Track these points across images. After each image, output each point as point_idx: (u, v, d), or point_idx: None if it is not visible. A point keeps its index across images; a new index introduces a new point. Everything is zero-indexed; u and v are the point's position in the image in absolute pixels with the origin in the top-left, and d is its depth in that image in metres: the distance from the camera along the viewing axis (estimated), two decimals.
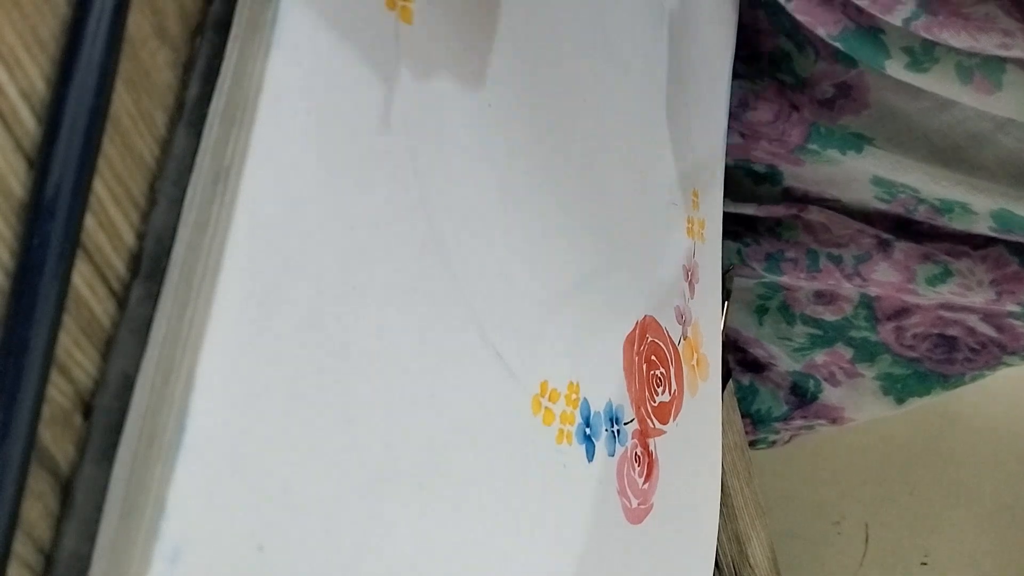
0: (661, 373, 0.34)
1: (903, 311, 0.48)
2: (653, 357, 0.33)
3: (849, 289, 0.48)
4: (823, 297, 0.50)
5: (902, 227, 0.46)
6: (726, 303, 0.44)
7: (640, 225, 0.33)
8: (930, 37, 0.37)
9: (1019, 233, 0.42)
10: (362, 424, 0.20)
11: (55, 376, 0.17)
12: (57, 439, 0.17)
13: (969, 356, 0.49)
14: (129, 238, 0.18)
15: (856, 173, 0.44)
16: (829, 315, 0.50)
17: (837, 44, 0.40)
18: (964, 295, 0.45)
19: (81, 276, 0.17)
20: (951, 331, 0.48)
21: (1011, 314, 0.46)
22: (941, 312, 0.48)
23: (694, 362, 0.36)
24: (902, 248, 0.45)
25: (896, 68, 0.39)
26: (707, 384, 0.37)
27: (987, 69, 0.37)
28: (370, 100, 0.21)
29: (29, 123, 0.16)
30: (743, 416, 0.54)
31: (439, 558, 0.22)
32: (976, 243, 0.44)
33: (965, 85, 0.38)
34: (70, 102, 0.16)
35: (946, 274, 0.44)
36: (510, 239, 0.26)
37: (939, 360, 0.49)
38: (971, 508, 0.70)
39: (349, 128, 0.20)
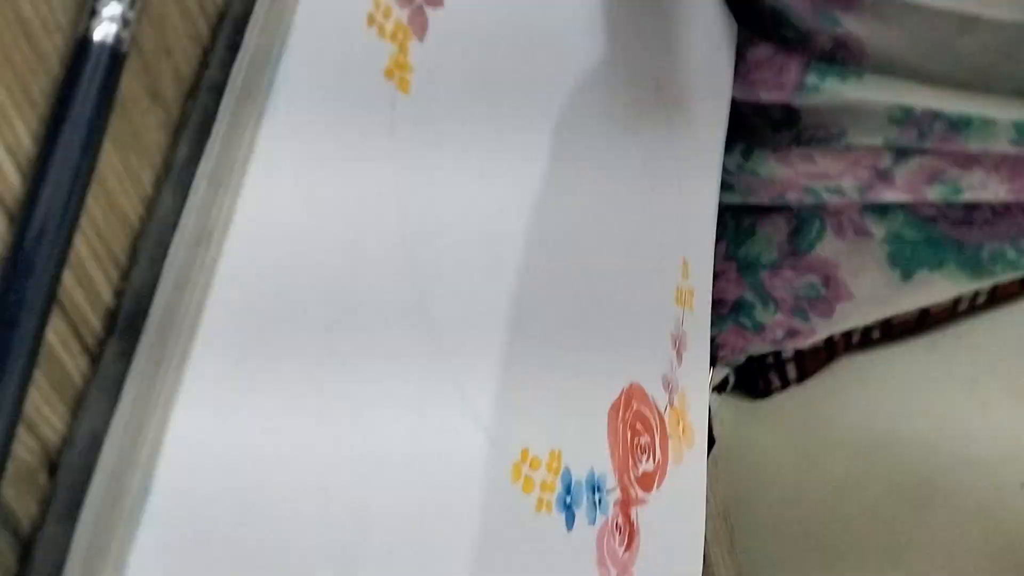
0: (646, 441, 0.34)
1: None
2: (638, 425, 0.33)
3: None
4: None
5: (903, 152, 0.42)
6: (712, 369, 0.43)
7: (628, 292, 0.33)
8: None
9: None
10: (335, 490, 0.20)
11: (23, 433, 0.16)
12: (20, 497, 0.17)
13: (989, 218, 0.43)
14: (107, 295, 0.18)
15: (866, 104, 0.41)
16: None
17: None
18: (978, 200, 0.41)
19: (56, 332, 0.17)
20: None
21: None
22: None
23: (680, 430, 0.36)
24: (903, 173, 0.41)
25: None
26: (692, 452, 0.37)
27: None
28: (361, 168, 0.21)
29: (13, 178, 0.16)
30: (728, 259, 0.49)
31: None
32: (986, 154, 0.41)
33: None
34: (56, 160, 0.16)
35: (956, 191, 0.41)
36: (493, 304, 0.26)
37: (956, 221, 0.44)
38: None
39: (338, 194, 0.20)
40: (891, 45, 0.39)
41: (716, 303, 0.45)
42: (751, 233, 0.49)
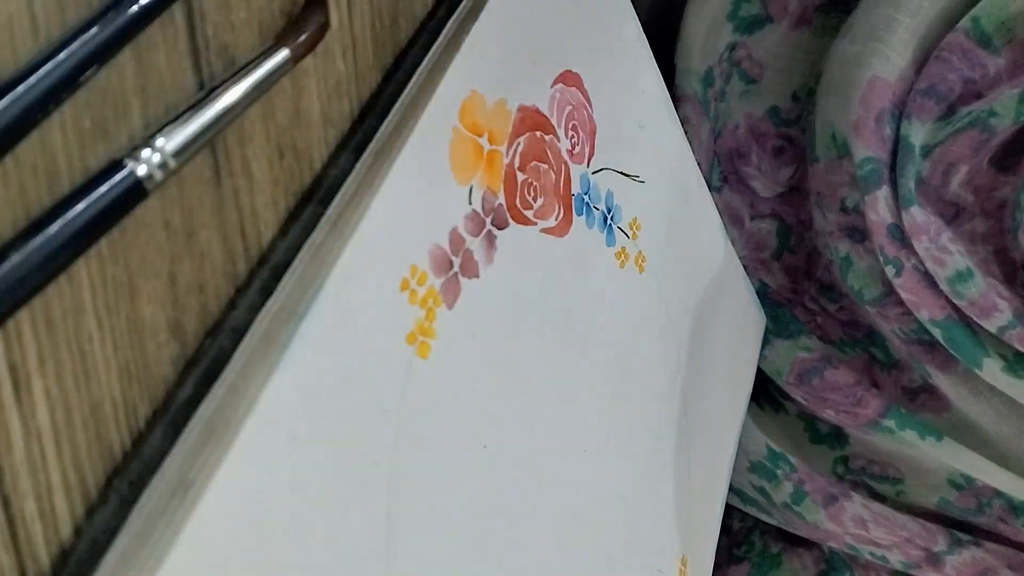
0: None
1: None
2: None
3: None
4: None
5: (960, 526, 0.41)
6: None
7: None
8: (1023, 348, 0.36)
9: None
10: None
11: None
12: None
13: None
14: (66, 532, 0.16)
15: (931, 461, 0.41)
16: None
17: (938, 330, 0.38)
18: None
19: None
20: None
21: None
22: None
23: None
24: (954, 563, 0.40)
25: (992, 368, 0.37)
26: None
27: None
28: (364, 431, 0.20)
29: None
30: None
31: None
32: None
33: None
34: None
35: None
36: None
37: None
38: None
39: (334, 456, 0.20)
40: (975, 414, 0.39)
41: None
42: (778, 563, 0.49)
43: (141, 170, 0.16)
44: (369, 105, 0.23)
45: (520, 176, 0.26)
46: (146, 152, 0.16)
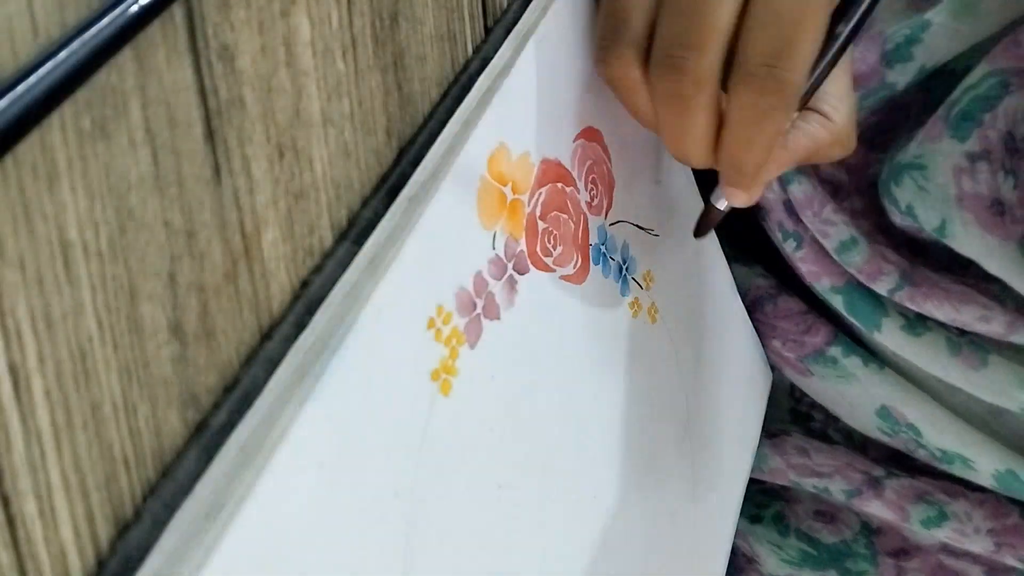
0: None
1: (903, 551, 0.44)
2: None
3: (849, 515, 0.44)
4: (823, 516, 0.45)
5: (897, 459, 0.43)
6: None
7: None
8: (914, 307, 0.38)
9: (1022, 496, 0.39)
10: None
11: None
12: None
13: None
14: (66, 533, 0.16)
15: (864, 399, 0.42)
16: (827, 535, 0.45)
17: (838, 297, 0.40)
18: (960, 541, 0.41)
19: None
20: None
21: (1015, 571, 0.41)
22: (942, 558, 0.43)
23: None
24: (894, 487, 0.42)
25: (891, 328, 0.39)
26: None
27: (974, 347, 0.38)
28: (387, 463, 0.21)
29: None
30: None
31: None
32: (972, 486, 0.41)
33: (953, 356, 0.38)
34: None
35: (941, 517, 0.41)
36: None
37: None
38: None
39: (357, 488, 0.20)
40: (913, 359, 0.41)
41: None
42: None
43: None
44: (403, 150, 0.25)
45: (541, 225, 0.27)
46: None
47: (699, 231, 0.33)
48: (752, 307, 0.44)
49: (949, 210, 0.36)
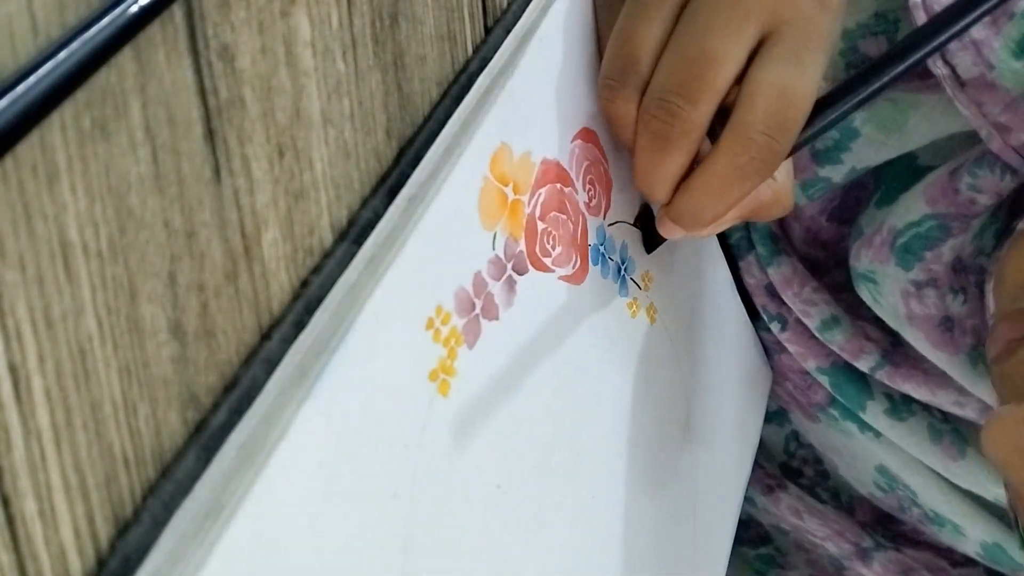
0: None
1: None
2: None
3: None
4: None
5: (885, 524, 0.44)
6: None
7: None
8: (893, 386, 0.39)
9: (1006, 569, 0.40)
10: None
11: None
12: None
13: None
14: (66, 533, 0.16)
15: (865, 454, 0.43)
16: None
17: (825, 377, 0.41)
18: None
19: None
20: None
21: None
22: None
23: None
24: (881, 560, 0.43)
25: (875, 411, 0.40)
26: None
27: (955, 436, 0.39)
28: (386, 463, 0.21)
29: None
30: None
31: None
32: (956, 559, 0.42)
33: (934, 445, 0.39)
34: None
35: None
36: None
37: None
38: None
39: (356, 488, 0.20)
40: (899, 442, 0.41)
41: None
42: None
43: None
44: (403, 150, 0.25)
45: (540, 225, 0.27)
46: None
47: (652, 244, 0.33)
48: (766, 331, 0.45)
49: (901, 325, 0.37)
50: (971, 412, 0.38)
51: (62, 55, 0.15)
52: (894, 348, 0.39)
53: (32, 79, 0.15)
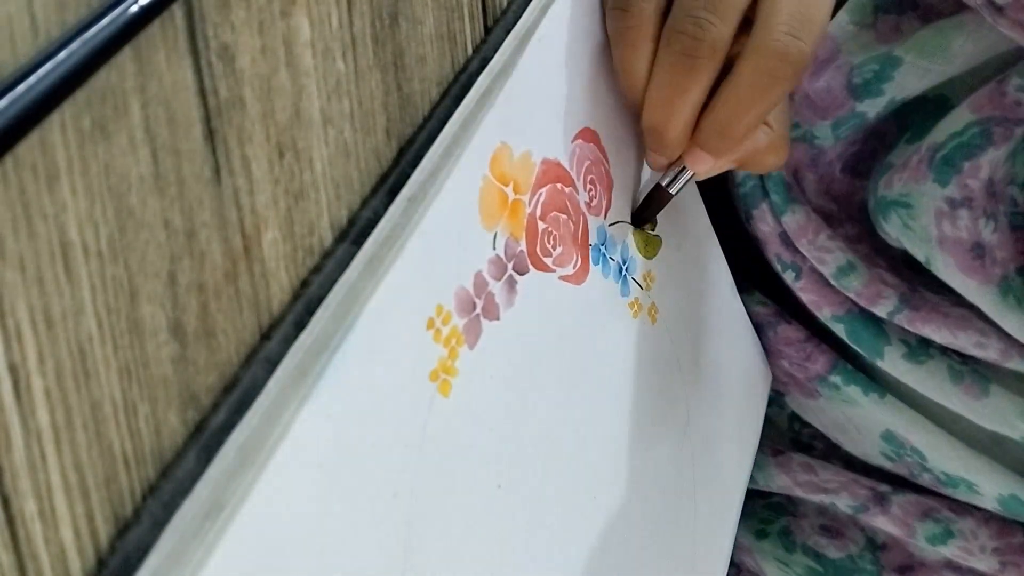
0: None
1: (908, 567, 0.44)
2: None
3: (855, 530, 0.44)
4: (828, 531, 0.45)
5: (901, 482, 0.43)
6: None
7: None
8: (913, 330, 0.39)
9: None
10: None
11: None
12: None
13: None
14: (66, 533, 0.16)
15: (869, 423, 0.42)
16: (833, 551, 0.45)
17: (840, 326, 0.41)
18: (966, 559, 0.41)
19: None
20: None
21: None
22: (947, 575, 0.43)
23: None
24: (900, 503, 0.42)
25: (893, 357, 0.39)
26: None
27: (976, 376, 0.38)
28: (386, 463, 0.21)
29: None
30: None
31: None
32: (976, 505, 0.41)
33: (955, 385, 0.38)
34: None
35: (947, 534, 0.41)
36: None
37: None
38: None
39: (356, 488, 0.20)
40: (917, 386, 0.41)
41: None
42: None
43: None
44: (403, 150, 0.25)
45: (541, 225, 0.27)
46: None
47: (645, 216, 0.33)
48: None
49: (932, 250, 0.37)
50: (993, 353, 0.37)
51: (62, 55, 0.15)
52: (912, 292, 0.39)
53: (32, 79, 0.15)
